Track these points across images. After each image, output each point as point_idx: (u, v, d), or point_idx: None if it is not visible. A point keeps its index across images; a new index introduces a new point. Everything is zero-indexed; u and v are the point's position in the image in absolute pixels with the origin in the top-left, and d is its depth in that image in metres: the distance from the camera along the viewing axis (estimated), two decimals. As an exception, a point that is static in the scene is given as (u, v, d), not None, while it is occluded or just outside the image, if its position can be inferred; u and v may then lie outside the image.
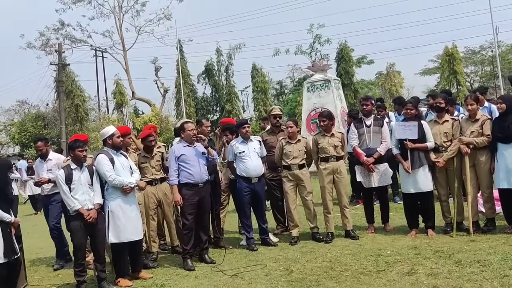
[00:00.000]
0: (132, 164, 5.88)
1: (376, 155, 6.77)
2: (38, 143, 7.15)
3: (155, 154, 6.62)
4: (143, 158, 6.46)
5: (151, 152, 6.59)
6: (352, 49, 31.31)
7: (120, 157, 5.73)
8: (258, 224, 6.80)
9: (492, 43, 38.18)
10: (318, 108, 13.50)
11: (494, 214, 6.31)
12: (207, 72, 33.35)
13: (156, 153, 6.65)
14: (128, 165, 5.75)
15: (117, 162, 5.62)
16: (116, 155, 5.69)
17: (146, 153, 6.55)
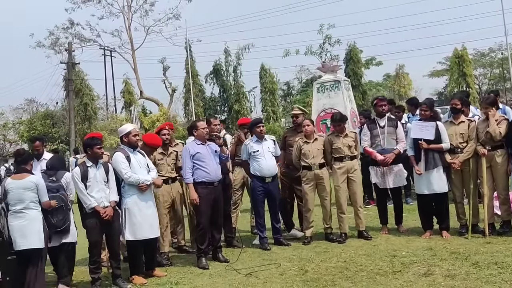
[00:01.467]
0: (150, 162, 5.89)
1: (395, 151, 6.75)
2: (36, 143, 7.19)
3: (171, 153, 6.63)
4: (159, 155, 6.47)
5: (167, 149, 6.59)
6: (361, 50, 31.26)
7: (137, 155, 5.74)
8: (272, 223, 6.78)
9: (502, 46, 38.09)
10: (328, 109, 13.47)
11: (510, 216, 6.24)
12: (215, 72, 33.38)
13: (172, 151, 6.65)
14: (145, 163, 5.76)
15: (133, 159, 5.63)
16: (132, 153, 5.70)
17: (163, 149, 6.55)
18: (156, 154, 6.41)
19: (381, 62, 38.11)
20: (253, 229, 7.51)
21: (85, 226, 5.55)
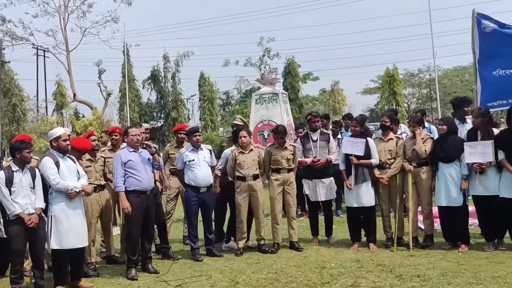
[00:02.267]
0: (80, 169, 5.68)
1: (328, 158, 6.95)
2: None
3: (99, 159, 6.44)
4: (87, 162, 6.25)
5: (95, 155, 6.39)
6: (299, 65, 31.95)
7: (67, 160, 5.51)
8: (204, 234, 6.73)
9: (430, 67, 40.35)
10: (266, 121, 13.61)
11: (432, 230, 6.58)
12: (153, 77, 32.89)
13: (100, 157, 6.47)
14: (75, 169, 5.54)
15: (62, 165, 5.40)
16: (62, 158, 5.47)
17: (90, 156, 6.34)
18: (84, 161, 6.19)
19: (317, 78, 39.22)
20: (185, 240, 7.43)
21: (8, 234, 5.25)
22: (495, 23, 7.15)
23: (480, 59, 7.27)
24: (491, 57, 7.14)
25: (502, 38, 7.03)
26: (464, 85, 43.33)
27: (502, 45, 7.01)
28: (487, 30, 7.14)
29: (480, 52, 7.25)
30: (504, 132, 6.23)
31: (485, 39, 7.18)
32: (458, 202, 6.17)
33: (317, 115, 7.41)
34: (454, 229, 6.32)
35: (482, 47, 7.22)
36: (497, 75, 7.05)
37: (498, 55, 7.05)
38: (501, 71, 7.01)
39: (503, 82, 6.99)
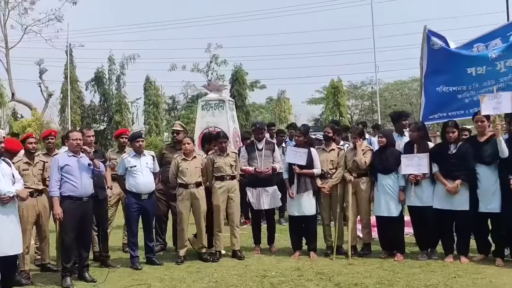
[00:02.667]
0: (16, 173, 5.40)
1: (272, 166, 6.98)
2: None
3: (37, 162, 6.17)
4: (25, 165, 5.98)
5: (33, 159, 6.12)
6: (246, 72, 32.12)
7: (1, 163, 5.24)
8: (145, 242, 6.60)
9: (372, 80, 41.66)
10: (212, 127, 13.55)
11: (370, 239, 6.78)
12: (97, 79, 32.00)
13: (39, 161, 6.20)
14: (10, 173, 5.26)
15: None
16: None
17: (28, 159, 6.07)
18: (21, 164, 5.91)
19: (264, 86, 39.64)
20: (124, 247, 7.24)
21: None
22: (443, 41, 7.44)
23: (427, 74, 7.55)
24: (437, 73, 7.43)
25: (448, 56, 7.34)
26: (404, 98, 45.09)
27: (447, 63, 7.31)
28: (435, 47, 7.43)
29: (427, 67, 7.52)
30: (438, 145, 6.53)
31: (433, 56, 7.45)
32: (395, 212, 6.38)
33: (261, 127, 7.40)
34: (391, 238, 6.53)
35: (429, 62, 7.49)
36: (440, 91, 7.36)
37: (443, 72, 7.36)
38: (444, 88, 7.33)
39: (445, 98, 7.31)
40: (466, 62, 7.22)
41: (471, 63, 7.19)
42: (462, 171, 6.01)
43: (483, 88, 7.01)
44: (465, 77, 7.19)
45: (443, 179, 6.10)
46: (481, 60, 7.13)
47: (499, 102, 5.97)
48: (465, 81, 7.20)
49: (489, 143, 5.97)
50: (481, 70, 7.10)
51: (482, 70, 7.09)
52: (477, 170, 6.01)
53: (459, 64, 7.25)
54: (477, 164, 6.02)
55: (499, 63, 7.01)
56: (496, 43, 7.16)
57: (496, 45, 7.14)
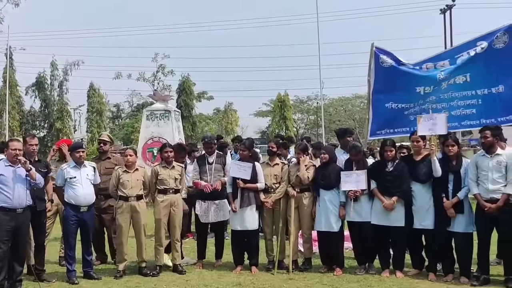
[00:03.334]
0: None
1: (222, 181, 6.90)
2: None
3: None
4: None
5: None
6: (194, 83, 32.04)
7: None
8: (83, 255, 6.39)
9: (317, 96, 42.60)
10: (156, 138, 13.39)
11: (311, 254, 6.88)
12: (38, 84, 30.95)
13: None
14: None
15: None
16: None
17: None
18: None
19: (212, 97, 39.64)
20: (61, 261, 6.98)
21: None
22: (392, 59, 7.70)
23: (375, 90, 7.78)
24: (386, 90, 7.67)
25: (398, 74, 7.60)
26: (347, 114, 46.39)
27: (397, 81, 7.58)
28: (385, 65, 7.68)
29: (375, 84, 7.74)
30: (377, 163, 6.76)
31: (382, 73, 7.69)
32: (335, 228, 6.51)
33: (211, 141, 7.26)
34: (331, 253, 6.66)
35: (378, 79, 7.71)
36: (389, 107, 7.63)
37: (393, 89, 7.62)
38: (393, 104, 7.60)
39: (393, 114, 7.59)
40: (415, 81, 7.54)
41: (420, 82, 7.51)
42: (399, 188, 6.25)
43: (426, 103, 7.36)
44: (414, 95, 7.51)
45: (381, 195, 6.31)
46: (430, 80, 7.47)
47: (434, 124, 6.27)
48: (413, 99, 7.51)
49: (424, 162, 6.24)
50: (429, 89, 7.46)
51: (430, 89, 7.45)
52: (413, 188, 6.26)
53: (409, 83, 7.55)
54: (412, 182, 6.27)
55: (445, 82, 7.40)
56: (444, 63, 7.48)
57: (444, 65, 7.47)
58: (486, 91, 7.15)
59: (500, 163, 5.80)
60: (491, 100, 7.11)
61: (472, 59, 7.27)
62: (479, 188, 5.87)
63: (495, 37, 7.12)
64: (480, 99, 7.18)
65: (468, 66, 7.29)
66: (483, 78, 7.20)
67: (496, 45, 7.12)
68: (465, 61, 7.31)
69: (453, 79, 7.32)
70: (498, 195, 5.74)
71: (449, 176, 6.07)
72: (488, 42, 7.17)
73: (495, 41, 7.12)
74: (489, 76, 7.16)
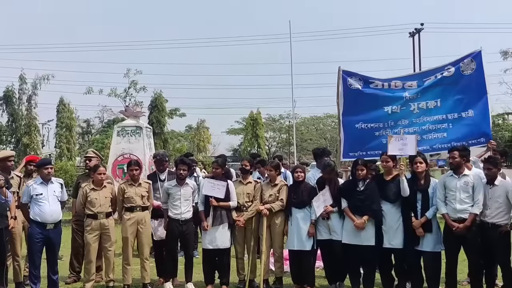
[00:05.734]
0: None
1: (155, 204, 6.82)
2: None
3: None
4: None
5: None
6: (166, 99, 31.85)
7: None
8: (48, 275, 6.22)
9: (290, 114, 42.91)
10: (127, 154, 13.22)
11: (282, 273, 6.83)
12: (6, 98, 30.23)
13: None
14: None
15: None
16: None
17: None
18: None
19: (184, 114, 39.43)
20: (25, 280, 6.75)
21: None
22: (361, 79, 7.81)
23: (344, 112, 7.87)
24: (355, 111, 7.77)
25: (366, 95, 7.73)
26: (319, 133, 46.83)
27: (365, 102, 7.70)
28: (353, 87, 7.80)
29: (345, 105, 7.83)
30: (348, 182, 6.82)
31: (350, 94, 7.79)
32: (307, 246, 6.52)
33: (163, 159, 7.25)
34: (302, 272, 6.64)
35: (346, 101, 7.81)
36: (359, 128, 7.73)
37: (361, 110, 7.73)
38: (363, 124, 7.71)
39: (364, 134, 7.68)
40: (382, 101, 7.68)
41: (387, 102, 7.66)
42: (369, 207, 6.30)
43: (398, 127, 7.49)
44: (382, 115, 7.65)
45: (351, 214, 6.35)
46: (396, 100, 7.63)
47: (404, 144, 6.39)
48: (382, 119, 7.65)
49: (394, 182, 6.32)
50: (396, 109, 7.61)
51: (397, 108, 7.60)
52: (383, 207, 6.32)
53: (376, 103, 7.69)
54: (382, 201, 6.34)
55: (413, 104, 7.56)
56: (411, 84, 7.65)
57: (411, 86, 7.64)
58: (456, 115, 7.39)
59: (468, 184, 5.95)
60: (461, 124, 7.34)
61: (440, 82, 7.49)
62: (447, 208, 5.99)
63: (461, 63, 7.37)
64: (450, 123, 7.38)
65: (438, 90, 7.51)
66: (454, 103, 7.45)
67: (464, 71, 7.37)
68: (432, 83, 7.52)
69: (425, 103, 7.51)
70: (466, 215, 5.87)
71: (417, 195, 6.18)
72: (455, 67, 7.41)
73: (462, 67, 7.37)
74: (459, 101, 7.42)
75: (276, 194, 6.72)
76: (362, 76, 7.91)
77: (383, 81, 7.80)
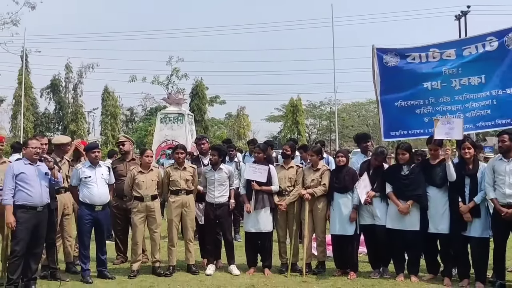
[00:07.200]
0: None
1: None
2: None
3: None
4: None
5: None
6: (207, 87, 32.13)
7: None
8: (97, 255, 6.42)
9: (331, 100, 42.51)
10: (170, 140, 13.50)
11: (325, 257, 6.83)
12: (53, 87, 31.34)
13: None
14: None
15: None
16: None
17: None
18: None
19: (224, 101, 39.75)
20: (75, 260, 7.02)
21: None
22: (396, 54, 7.58)
23: (382, 91, 7.70)
24: (393, 89, 7.57)
25: (403, 72, 7.52)
26: (361, 119, 46.22)
27: (403, 79, 7.48)
28: (390, 65, 7.62)
29: (382, 84, 7.65)
30: (392, 167, 6.71)
31: (387, 73, 7.59)
32: (349, 231, 6.48)
33: (202, 137, 7.55)
34: (345, 257, 6.62)
35: (384, 79, 7.62)
36: (398, 106, 7.54)
37: (399, 87, 7.52)
38: (402, 102, 7.51)
39: (404, 112, 7.48)
40: (421, 76, 7.44)
41: (426, 77, 7.41)
42: (414, 192, 6.20)
43: (439, 104, 7.28)
44: (421, 91, 7.41)
45: (396, 199, 6.27)
46: (435, 75, 7.37)
47: (451, 128, 6.22)
48: (421, 95, 7.42)
49: (440, 166, 6.18)
50: (436, 85, 7.34)
51: (437, 84, 7.34)
52: (428, 192, 6.21)
53: (414, 79, 7.45)
54: (428, 186, 6.22)
55: (454, 80, 7.29)
56: (450, 54, 7.35)
57: (450, 56, 7.34)
58: (500, 92, 7.04)
59: (517, 168, 5.73)
60: (505, 100, 7.03)
61: (483, 57, 7.15)
62: (495, 193, 5.80)
63: (506, 37, 7.03)
64: (495, 99, 7.07)
65: (481, 65, 7.17)
66: (498, 78, 7.09)
67: (510, 45, 7.02)
68: (474, 57, 7.23)
69: (467, 79, 7.22)
70: (515, 200, 5.67)
71: (465, 180, 6.02)
72: (499, 41, 7.07)
73: (507, 41, 7.02)
74: (504, 76, 7.07)
75: (318, 179, 6.70)
76: (397, 50, 7.69)
77: (420, 51, 7.52)
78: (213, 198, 6.77)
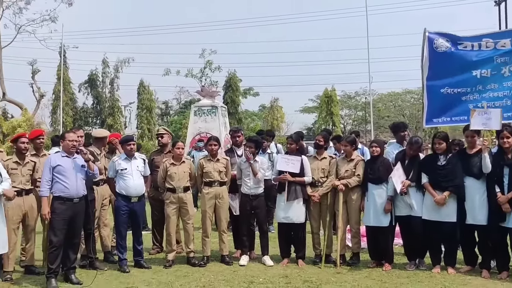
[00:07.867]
0: (3, 172, 5.38)
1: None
2: None
3: (27, 162, 6.16)
4: (14, 164, 5.97)
5: (23, 158, 6.11)
6: (240, 79, 32.15)
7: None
8: (133, 245, 6.56)
9: (366, 91, 41.87)
10: (203, 133, 13.61)
11: (359, 249, 6.76)
12: (91, 82, 32.00)
13: (29, 161, 6.18)
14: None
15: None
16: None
17: (18, 158, 6.06)
18: (10, 163, 5.91)
19: (258, 93, 39.69)
20: (113, 250, 7.20)
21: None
22: (449, 40, 7.39)
23: (429, 76, 7.50)
24: (441, 75, 7.38)
25: (453, 58, 7.33)
26: (397, 110, 45.35)
27: (453, 65, 7.30)
28: (440, 50, 7.41)
29: (430, 70, 7.46)
30: (429, 156, 6.56)
31: (437, 58, 7.40)
32: (384, 223, 6.39)
33: (237, 130, 7.59)
34: (379, 248, 6.54)
35: (432, 65, 7.43)
36: (445, 93, 7.36)
37: (448, 74, 7.33)
38: (449, 89, 7.33)
39: (449, 100, 7.31)
40: (472, 64, 7.26)
41: (476, 65, 7.24)
42: (451, 182, 6.05)
43: (486, 91, 7.12)
44: (470, 79, 7.24)
45: (432, 190, 6.13)
46: (486, 63, 7.18)
47: (488, 118, 6.03)
48: (469, 83, 7.24)
49: (478, 156, 6.00)
50: (486, 73, 7.16)
51: (487, 72, 7.16)
52: (466, 182, 6.05)
53: (464, 66, 7.28)
54: (465, 176, 6.06)
55: (505, 67, 7.11)
56: (504, 43, 7.14)
57: (504, 46, 7.13)
58: None
59: (561, 157, 5.51)
60: None
61: None
62: (537, 183, 5.60)
63: None
64: None
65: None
66: None
67: None
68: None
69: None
70: (557, 190, 5.46)
71: (504, 170, 5.83)
72: None
73: None
74: None
75: (353, 170, 6.63)
76: (450, 35, 7.46)
77: (473, 40, 7.32)
78: (249, 189, 6.79)
